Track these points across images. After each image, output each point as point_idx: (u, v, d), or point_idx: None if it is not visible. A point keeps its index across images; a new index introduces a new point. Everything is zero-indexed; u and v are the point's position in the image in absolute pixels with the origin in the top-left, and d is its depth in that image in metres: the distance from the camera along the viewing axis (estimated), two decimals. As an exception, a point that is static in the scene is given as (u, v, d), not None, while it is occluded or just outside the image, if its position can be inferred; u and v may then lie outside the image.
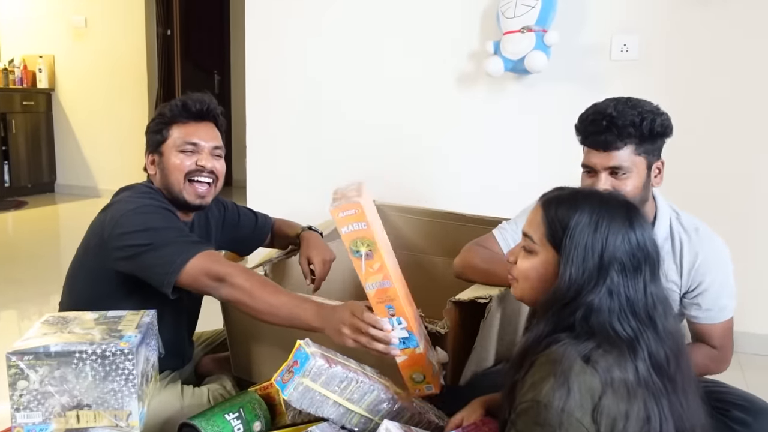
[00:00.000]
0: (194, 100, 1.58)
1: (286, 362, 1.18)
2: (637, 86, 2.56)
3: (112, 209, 1.49)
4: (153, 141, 1.60)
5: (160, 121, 1.59)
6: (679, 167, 2.63)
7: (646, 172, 1.42)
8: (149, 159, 1.62)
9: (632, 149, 1.39)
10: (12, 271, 3.46)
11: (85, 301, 1.48)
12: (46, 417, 1.11)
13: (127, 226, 1.41)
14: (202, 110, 1.59)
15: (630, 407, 0.89)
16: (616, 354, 0.93)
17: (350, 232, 1.17)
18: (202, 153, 1.57)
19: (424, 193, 2.94)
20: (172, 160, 1.55)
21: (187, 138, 1.56)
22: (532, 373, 0.94)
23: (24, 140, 5.62)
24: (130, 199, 1.51)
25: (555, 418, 0.88)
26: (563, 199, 1.04)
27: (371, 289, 1.20)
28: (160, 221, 1.44)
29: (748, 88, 2.44)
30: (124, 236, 1.40)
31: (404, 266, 2.33)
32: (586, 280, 0.97)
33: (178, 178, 1.55)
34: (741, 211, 2.48)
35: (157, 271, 1.36)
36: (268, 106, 3.30)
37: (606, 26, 2.60)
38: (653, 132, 1.39)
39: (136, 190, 1.57)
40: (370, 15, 3.02)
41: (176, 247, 1.38)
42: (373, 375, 1.27)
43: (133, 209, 1.45)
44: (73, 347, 1.10)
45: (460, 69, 2.86)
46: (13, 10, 5.89)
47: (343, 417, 1.22)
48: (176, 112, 1.57)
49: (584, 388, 0.89)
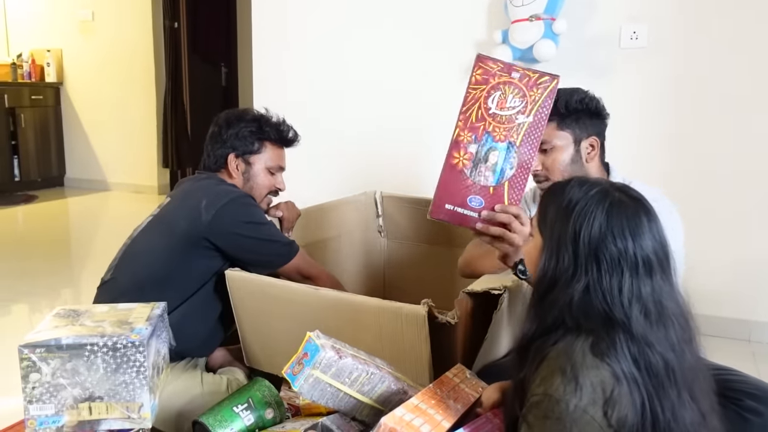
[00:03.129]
0: (286, 128, 1.84)
1: (297, 354, 1.18)
2: (647, 74, 2.55)
3: (206, 195, 1.62)
4: (242, 147, 1.76)
5: (256, 133, 1.77)
6: (688, 152, 2.62)
7: (574, 146, 1.55)
8: (235, 162, 1.76)
9: (554, 125, 1.53)
10: (23, 265, 3.48)
11: (145, 279, 1.60)
12: (58, 409, 1.11)
13: (236, 215, 1.61)
14: (291, 139, 1.86)
15: (638, 397, 0.89)
16: (615, 343, 0.92)
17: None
18: (281, 174, 1.85)
19: (431, 184, 2.92)
20: (262, 177, 1.80)
21: (279, 162, 1.83)
22: (542, 369, 0.93)
23: (33, 134, 5.64)
24: (222, 188, 1.67)
25: (566, 413, 0.87)
26: (557, 186, 1.05)
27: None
28: (263, 216, 1.72)
29: (759, 74, 2.41)
30: (237, 224, 1.61)
31: (410, 257, 2.36)
32: (561, 269, 0.96)
33: (261, 193, 1.81)
34: (753, 196, 2.46)
35: (266, 260, 1.67)
36: (275, 98, 3.29)
37: (615, 14, 2.57)
38: (569, 107, 1.52)
39: (217, 180, 1.74)
40: (377, 6, 3.00)
41: (282, 245, 1.70)
42: (384, 366, 1.27)
43: (234, 199, 1.63)
44: (84, 340, 1.11)
45: (467, 59, 2.84)
46: (20, 4, 5.90)
47: (353, 408, 1.22)
48: (274, 133, 1.80)
49: (596, 382, 0.88)
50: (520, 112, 1.30)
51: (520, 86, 1.30)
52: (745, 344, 2.46)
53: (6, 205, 5.03)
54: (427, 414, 1.11)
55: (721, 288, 2.49)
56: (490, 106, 1.31)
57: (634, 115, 2.57)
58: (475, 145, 1.31)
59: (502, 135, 1.30)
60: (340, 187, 2.81)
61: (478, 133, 1.31)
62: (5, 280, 3.17)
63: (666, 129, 2.54)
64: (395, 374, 1.28)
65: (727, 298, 2.50)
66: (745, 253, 2.50)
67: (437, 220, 1.34)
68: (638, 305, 0.93)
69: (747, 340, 2.49)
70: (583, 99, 1.54)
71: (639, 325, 0.93)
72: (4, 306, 2.85)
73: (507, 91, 1.31)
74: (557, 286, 0.96)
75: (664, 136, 2.54)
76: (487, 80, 1.32)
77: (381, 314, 1.43)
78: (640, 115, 2.57)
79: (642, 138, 2.57)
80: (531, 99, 1.30)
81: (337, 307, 1.51)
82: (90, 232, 4.51)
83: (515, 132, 1.29)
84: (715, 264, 2.50)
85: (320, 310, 1.53)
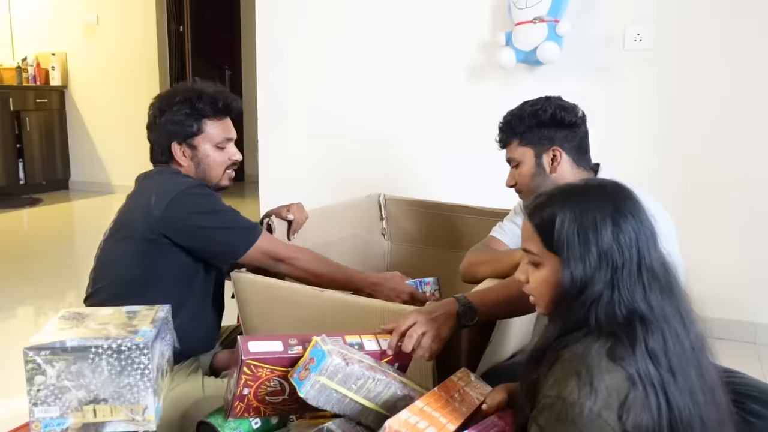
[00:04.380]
0: (221, 96, 1.69)
1: (303, 359, 1.18)
2: (651, 76, 2.55)
3: (155, 191, 1.55)
4: (181, 132, 1.65)
5: (191, 114, 1.65)
6: (692, 154, 2.62)
7: (534, 160, 1.59)
8: (179, 150, 1.66)
9: (517, 142, 1.61)
10: (28, 268, 3.49)
11: (123, 287, 1.57)
12: (63, 411, 1.11)
13: (188, 207, 1.54)
14: (230, 107, 1.71)
15: (654, 401, 0.89)
16: (634, 346, 0.92)
17: None
18: (232, 144, 1.72)
19: (435, 186, 2.93)
20: (213, 156, 1.68)
21: (225, 135, 1.69)
22: (555, 370, 0.93)
23: (38, 138, 5.66)
24: (171, 181, 1.59)
25: (580, 416, 0.87)
26: (542, 205, 1.03)
27: None
28: (218, 203, 1.61)
29: (763, 76, 2.40)
30: (190, 216, 1.54)
31: (414, 259, 2.35)
32: (587, 274, 0.96)
33: (218, 172, 1.69)
34: (755, 198, 2.45)
35: (227, 249, 1.60)
36: (279, 101, 3.30)
37: (619, 15, 2.57)
38: (531, 123, 1.57)
39: (169, 172, 1.65)
40: (380, 10, 3.01)
41: (241, 230, 1.60)
42: (390, 372, 1.27)
43: (183, 191, 1.55)
44: (89, 342, 1.11)
45: (471, 61, 2.84)
46: (26, 8, 5.93)
47: (359, 414, 1.22)
48: (209, 108, 1.66)
49: (611, 386, 0.88)
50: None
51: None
52: (751, 346, 2.45)
53: (11, 208, 5.05)
54: (432, 417, 1.11)
55: (727, 290, 2.49)
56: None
57: (637, 116, 2.57)
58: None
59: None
60: (344, 189, 2.81)
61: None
62: (10, 283, 3.18)
63: (669, 130, 2.53)
64: (401, 379, 1.27)
65: (733, 300, 2.49)
66: (750, 255, 2.49)
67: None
68: (656, 284, 0.97)
69: (753, 342, 2.48)
70: (537, 111, 1.57)
71: (658, 304, 0.95)
72: (10, 308, 2.86)
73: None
74: (587, 290, 0.97)
75: (667, 138, 2.53)
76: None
77: (385, 316, 1.42)
78: (643, 117, 2.56)
79: (646, 139, 2.56)
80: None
81: (342, 309, 1.51)
82: (95, 235, 4.49)
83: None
84: (721, 266, 2.49)
85: (325, 312, 1.53)
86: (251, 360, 1.17)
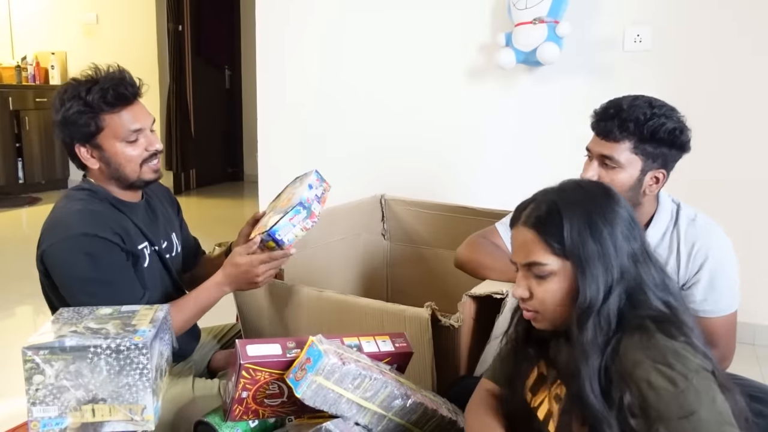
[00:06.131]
0: (110, 84, 1.44)
1: (299, 359, 1.18)
2: (651, 77, 2.54)
3: (47, 222, 1.46)
4: (79, 133, 1.44)
5: (83, 110, 1.42)
6: (692, 156, 2.60)
7: (639, 174, 1.41)
8: (85, 152, 1.46)
9: (629, 146, 1.39)
10: (27, 267, 3.48)
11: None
12: (61, 411, 1.11)
13: (63, 265, 1.43)
14: (124, 95, 1.45)
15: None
16: (682, 325, 0.94)
17: None
18: (145, 134, 1.49)
19: (436, 186, 2.93)
20: (122, 152, 1.46)
21: (131, 126, 1.45)
22: (650, 382, 0.87)
23: (37, 137, 5.65)
24: (62, 222, 1.44)
25: (707, 376, 0.87)
26: (542, 212, 1.01)
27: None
28: (97, 257, 1.40)
29: (763, 77, 2.40)
30: (65, 276, 1.43)
31: (414, 259, 2.35)
32: (610, 276, 0.96)
33: (134, 168, 1.48)
34: (755, 200, 2.45)
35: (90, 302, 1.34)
36: (279, 101, 3.30)
37: (619, 16, 2.57)
38: (656, 135, 1.37)
39: (78, 195, 1.48)
40: (380, 11, 3.01)
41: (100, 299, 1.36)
42: (386, 371, 1.27)
43: (64, 239, 1.40)
44: (87, 342, 1.11)
45: (471, 61, 2.84)
46: (25, 7, 5.92)
47: (356, 414, 1.22)
48: (98, 101, 1.42)
49: (690, 350, 0.89)
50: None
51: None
52: (749, 347, 2.45)
53: (10, 208, 5.04)
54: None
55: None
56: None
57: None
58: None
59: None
60: (345, 190, 2.81)
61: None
62: (9, 282, 3.18)
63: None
64: (398, 378, 1.27)
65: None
66: (748, 256, 2.48)
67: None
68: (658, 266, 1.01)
69: (751, 343, 2.49)
70: (674, 130, 1.38)
71: (680, 302, 0.99)
72: (8, 308, 2.86)
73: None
74: (611, 294, 0.96)
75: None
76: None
77: (384, 317, 1.43)
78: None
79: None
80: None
81: (341, 310, 1.51)
82: (94, 234, 4.50)
83: None
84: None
85: (324, 312, 1.53)
86: (250, 364, 1.17)
